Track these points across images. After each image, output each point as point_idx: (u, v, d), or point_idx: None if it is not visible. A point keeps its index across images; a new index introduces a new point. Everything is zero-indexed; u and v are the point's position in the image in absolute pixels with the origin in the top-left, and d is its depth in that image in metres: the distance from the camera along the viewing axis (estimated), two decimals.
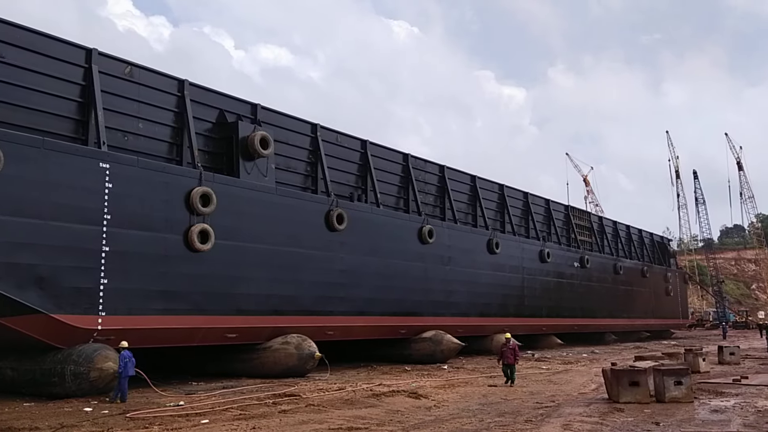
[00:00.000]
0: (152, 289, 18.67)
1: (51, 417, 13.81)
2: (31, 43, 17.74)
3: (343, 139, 27.91)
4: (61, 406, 15.33)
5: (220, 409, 14.73)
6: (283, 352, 21.79)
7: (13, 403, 15.70)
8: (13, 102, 17.10)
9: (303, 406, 15.24)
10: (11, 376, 17.40)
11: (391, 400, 16.38)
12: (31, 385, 16.95)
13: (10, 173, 15.72)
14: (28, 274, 16.12)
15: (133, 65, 20.31)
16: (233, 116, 22.86)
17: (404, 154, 31.45)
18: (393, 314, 27.51)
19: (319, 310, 24.04)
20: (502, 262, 35.28)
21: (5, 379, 17.50)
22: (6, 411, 14.66)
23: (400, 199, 30.83)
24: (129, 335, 17.26)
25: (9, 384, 17.38)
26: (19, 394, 16.86)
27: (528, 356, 33.15)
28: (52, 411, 14.62)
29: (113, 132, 19.11)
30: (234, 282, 20.93)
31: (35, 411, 14.65)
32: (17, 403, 15.71)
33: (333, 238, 24.85)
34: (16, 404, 15.63)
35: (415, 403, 16.03)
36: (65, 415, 14.04)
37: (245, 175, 22.12)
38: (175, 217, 19.47)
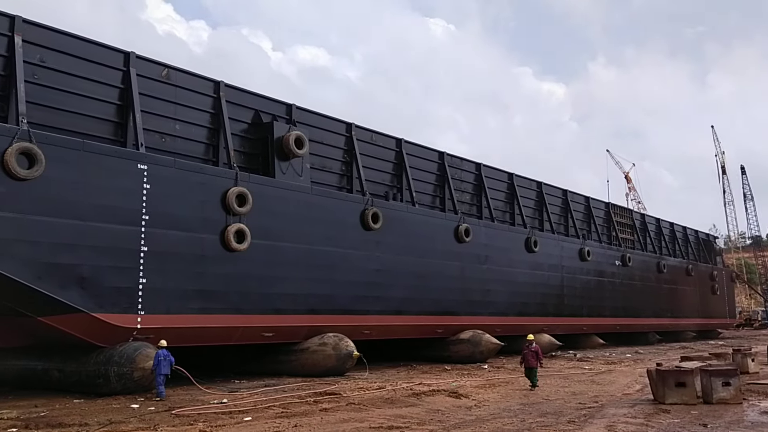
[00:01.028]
0: (190, 289, 18.84)
1: (100, 413, 14.13)
2: (71, 47, 18.11)
3: (378, 138, 27.80)
4: (109, 402, 15.65)
5: (263, 407, 14.87)
6: (321, 354, 21.85)
7: (64, 400, 16.10)
8: (54, 105, 17.49)
9: (344, 405, 15.24)
10: (58, 377, 17.85)
11: (431, 400, 16.24)
12: (78, 386, 17.32)
13: (51, 175, 16.06)
14: (70, 274, 16.43)
15: (170, 68, 20.56)
16: (268, 117, 22.97)
17: (440, 152, 31.18)
18: (429, 314, 27.27)
19: (355, 310, 23.96)
20: (540, 260, 34.68)
21: (52, 380, 17.95)
22: (57, 407, 15.03)
23: (436, 197, 30.56)
24: (167, 334, 17.46)
25: (56, 383, 17.81)
26: (68, 391, 17.25)
27: (570, 356, 32.58)
28: (100, 407, 14.94)
29: (151, 134, 19.38)
30: (270, 281, 21.00)
31: (84, 407, 14.99)
32: (67, 400, 16.11)
33: (368, 237, 24.74)
34: (66, 401, 16.02)
35: (455, 403, 15.87)
36: (113, 412, 14.34)
37: (280, 175, 22.19)
38: (212, 217, 19.62)
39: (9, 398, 16.50)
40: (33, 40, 17.21)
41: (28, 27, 17.12)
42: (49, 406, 15.13)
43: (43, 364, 18.35)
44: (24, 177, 15.56)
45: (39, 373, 18.32)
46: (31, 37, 17.14)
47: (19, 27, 16.84)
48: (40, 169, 15.82)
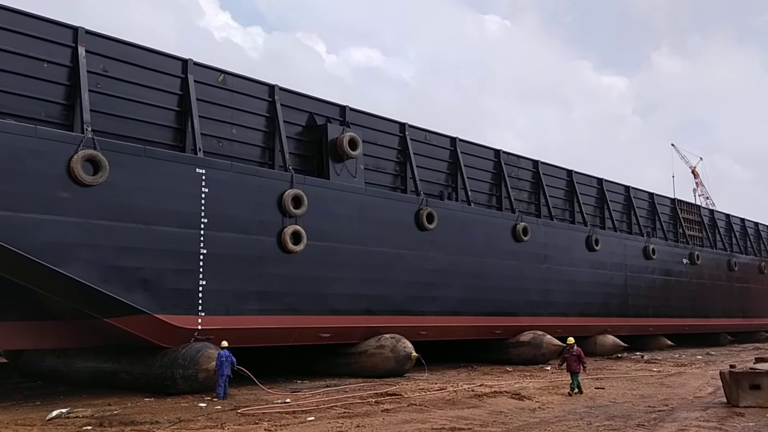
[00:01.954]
0: (248, 290, 19.11)
1: (169, 412, 14.52)
2: (132, 56, 18.66)
3: (432, 137, 27.58)
4: (177, 401, 16.08)
5: (325, 407, 14.99)
6: (380, 356, 21.84)
7: (135, 398, 16.65)
8: (116, 113, 18.03)
9: (405, 406, 15.19)
10: (127, 379, 18.49)
11: (493, 401, 16.00)
12: (147, 386, 17.85)
13: (115, 181, 16.58)
14: (134, 277, 16.90)
15: (226, 73, 20.94)
16: (322, 119, 23.10)
17: (495, 150, 30.68)
18: (487, 314, 26.84)
19: (412, 310, 23.81)
20: (602, 259, 33.65)
21: (122, 381, 18.58)
22: (129, 406, 15.55)
23: (493, 196, 30.07)
24: (227, 335, 17.75)
25: (126, 384, 18.43)
26: (139, 390, 17.82)
27: (637, 358, 31.54)
28: (170, 406, 15.36)
29: (208, 138, 19.76)
30: (326, 282, 21.08)
31: (155, 406, 15.44)
32: (138, 398, 16.65)
33: (423, 237, 24.55)
34: (137, 399, 16.56)
35: (518, 405, 15.57)
36: (182, 410, 14.73)
37: (335, 176, 22.28)
38: (269, 219, 19.84)
39: (84, 397, 17.16)
40: (96, 50, 17.81)
41: (91, 38, 17.73)
42: (122, 405, 15.66)
43: (113, 366, 19.03)
44: (89, 183, 16.11)
45: (109, 375, 19.02)
46: (94, 48, 17.75)
47: (82, 38, 17.46)
48: (104, 176, 16.35)
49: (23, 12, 16.76)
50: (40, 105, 16.73)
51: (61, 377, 21.04)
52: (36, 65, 16.74)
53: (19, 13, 16.67)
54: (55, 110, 17.01)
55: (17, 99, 16.31)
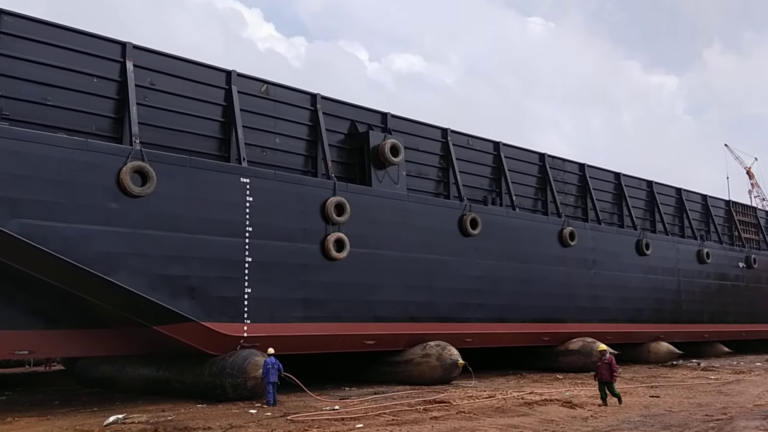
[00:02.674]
0: (292, 297, 19.23)
1: (221, 418, 14.75)
2: (178, 69, 19.09)
3: (474, 142, 27.35)
4: (229, 408, 16.35)
5: (373, 414, 15.00)
6: (426, 365, 21.69)
7: (188, 405, 17.00)
8: (163, 125, 18.45)
9: (454, 413, 15.04)
10: (178, 387, 18.88)
11: (544, 409, 15.70)
12: (198, 394, 18.14)
13: (162, 191, 16.94)
14: (181, 285, 17.21)
15: (269, 83, 21.21)
16: (364, 126, 23.17)
17: (540, 154, 30.23)
18: (534, 321, 26.35)
19: (456, 317, 23.56)
20: (653, 264, 32.68)
21: (174, 389, 18.98)
22: (182, 412, 15.87)
23: (538, 200, 29.60)
24: (272, 342, 17.89)
25: (178, 392, 18.79)
26: (191, 396, 18.15)
27: (692, 365, 30.50)
28: (221, 412, 15.62)
29: (252, 148, 20.03)
30: (369, 289, 21.06)
31: (207, 412, 15.72)
32: (191, 405, 16.99)
33: (467, 243, 24.30)
34: (190, 405, 16.89)
35: (570, 413, 15.23)
36: (233, 417, 14.95)
37: (377, 183, 22.28)
38: (312, 227, 19.96)
39: (139, 403, 17.58)
40: (143, 64, 18.28)
41: (138, 52, 18.21)
42: (175, 411, 15.99)
43: (164, 374, 19.47)
44: (137, 194, 16.51)
45: (161, 383, 19.46)
46: (141, 62, 18.22)
47: (130, 53, 17.95)
48: (152, 186, 16.72)
49: (74, 29, 17.36)
50: (90, 119, 17.25)
51: (115, 384, 21.62)
52: (87, 80, 17.29)
53: (71, 30, 17.26)
54: (105, 123, 17.52)
55: (69, 114, 16.87)
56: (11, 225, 14.69)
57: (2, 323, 16.15)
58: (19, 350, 16.86)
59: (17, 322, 16.44)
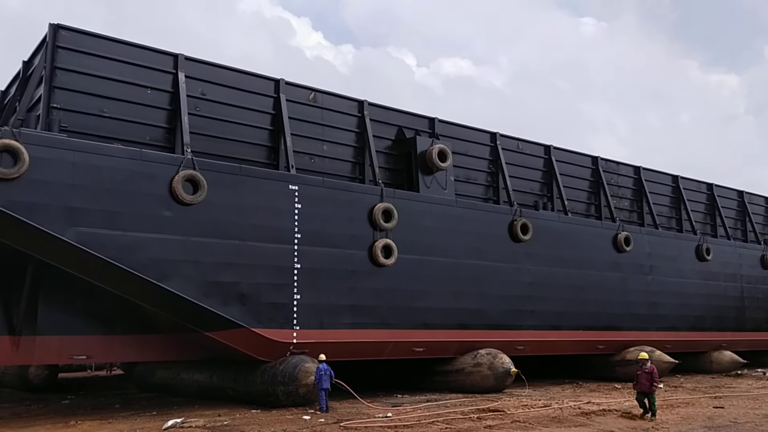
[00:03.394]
0: (341, 304, 19.25)
1: (275, 423, 14.89)
2: (228, 79, 19.43)
3: (524, 146, 26.89)
4: (282, 413, 16.51)
5: (426, 422, 14.88)
6: (478, 374, 21.42)
7: (243, 410, 17.25)
8: (214, 134, 18.80)
9: (508, 422, 14.79)
10: (232, 395, 19.18)
11: (602, 420, 15.26)
12: (251, 401, 18.35)
13: (212, 199, 17.22)
14: (232, 292, 17.44)
15: (317, 91, 21.37)
16: (411, 132, 23.07)
17: (593, 157, 29.48)
18: (589, 328, 25.64)
19: (508, 324, 23.13)
20: (714, 269, 31.39)
21: (227, 396, 19.30)
22: (237, 417, 16.13)
23: (591, 205, 28.86)
24: (321, 348, 17.93)
25: (231, 398, 19.11)
26: (245, 402, 18.41)
27: (758, 375, 29.18)
28: (275, 418, 15.79)
29: (300, 155, 20.18)
30: (418, 296, 20.89)
31: (261, 417, 15.89)
32: (246, 410, 17.23)
33: (518, 249, 23.86)
34: (245, 411, 17.13)
35: (629, 424, 14.77)
36: (287, 422, 15.08)
37: (425, 189, 22.13)
38: (360, 233, 19.96)
39: (195, 408, 17.94)
40: (194, 75, 18.68)
41: (189, 63, 18.62)
42: (231, 416, 16.24)
43: (218, 381, 19.83)
44: (189, 202, 16.83)
45: (216, 389, 19.84)
46: (192, 73, 18.62)
47: (182, 64, 18.38)
48: (203, 194, 17.03)
49: (128, 42, 17.88)
50: (144, 129, 17.73)
51: (171, 389, 22.15)
52: (141, 92, 17.78)
53: (125, 43, 17.79)
54: (158, 133, 17.96)
55: (124, 124, 17.37)
56: (69, 233, 15.19)
57: (61, 329, 16.72)
58: (78, 355, 17.40)
59: (76, 328, 17.00)
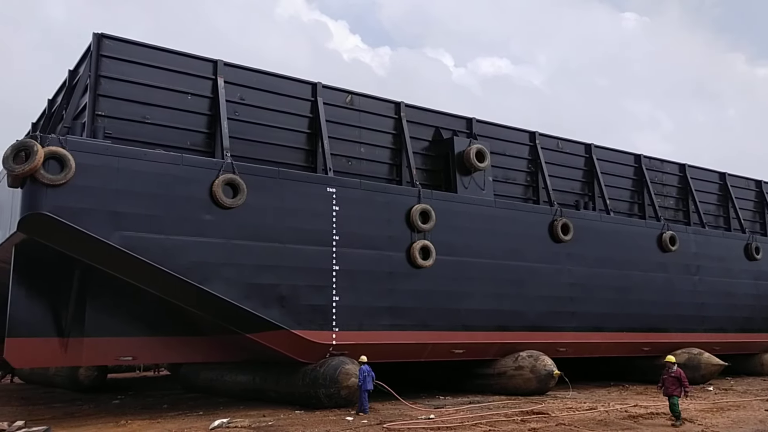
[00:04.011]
0: (379, 305, 19.25)
1: (319, 424, 15.02)
2: (266, 83, 19.67)
3: (564, 145, 26.49)
4: (326, 414, 16.65)
5: (470, 424, 14.79)
6: (520, 378, 21.18)
7: (287, 411, 17.46)
8: (252, 138, 19.05)
9: (553, 425, 14.60)
10: (274, 397, 19.41)
11: (650, 423, 14.97)
12: (294, 403, 18.54)
13: (252, 203, 17.44)
14: (272, 294, 17.61)
15: (353, 93, 21.45)
16: (449, 132, 22.96)
17: (636, 155, 28.86)
18: (632, 330, 25.07)
19: (549, 326, 22.78)
20: (764, 269, 30.31)
21: (270, 397, 19.53)
22: (282, 417, 16.32)
23: (634, 204, 28.25)
24: (360, 350, 17.98)
25: (274, 399, 19.34)
26: (288, 403, 18.64)
27: None
28: (319, 419, 15.93)
29: (338, 158, 20.30)
30: (457, 297, 20.76)
31: (305, 418, 16.05)
32: (290, 411, 17.44)
33: (558, 249, 23.48)
34: (289, 411, 17.33)
35: (678, 428, 14.46)
36: (330, 423, 15.19)
37: (462, 189, 21.98)
38: (397, 234, 19.93)
39: (241, 408, 18.24)
40: (233, 80, 18.97)
41: (228, 69, 18.92)
42: (275, 416, 16.44)
43: (260, 384, 20.10)
44: (229, 205, 17.08)
45: (258, 391, 20.10)
46: (231, 78, 18.92)
47: (221, 70, 18.68)
48: (243, 198, 17.25)
49: (169, 50, 18.27)
50: (185, 134, 18.08)
51: (215, 390, 22.54)
52: (181, 98, 18.14)
53: (166, 51, 18.18)
54: (198, 138, 18.30)
55: (166, 130, 17.75)
56: (114, 237, 15.58)
57: (108, 331, 17.15)
58: (124, 356, 17.81)
59: (122, 330, 17.41)
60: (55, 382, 29.01)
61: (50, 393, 26.84)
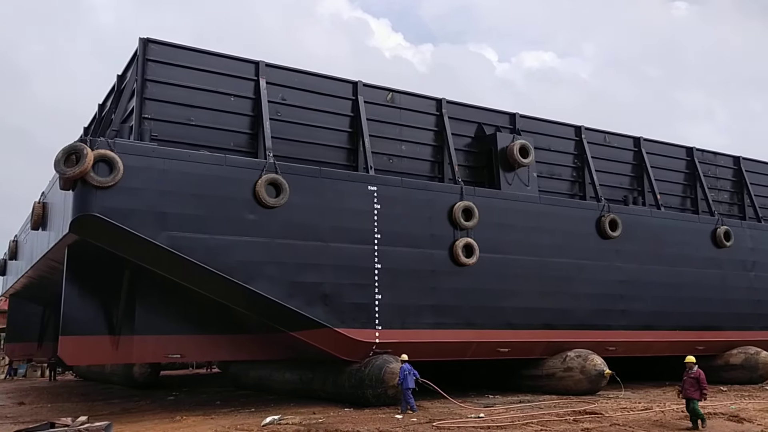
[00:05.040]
0: (422, 304, 19.13)
1: (369, 422, 15.04)
2: (307, 83, 19.81)
3: (612, 139, 25.84)
4: (375, 412, 16.68)
5: (520, 423, 14.58)
6: (570, 379, 20.77)
7: (336, 408, 17.60)
8: (294, 138, 19.19)
9: (607, 426, 14.26)
10: (324, 397, 19.58)
11: (708, 424, 14.38)
12: (341, 400, 18.68)
13: (294, 202, 17.56)
14: (315, 292, 17.71)
15: (394, 91, 21.38)
16: (491, 128, 22.66)
17: (687, 148, 27.94)
18: (685, 328, 24.25)
19: (597, 324, 22.22)
20: None
21: (318, 396, 19.73)
22: (332, 415, 16.44)
23: (686, 198, 27.36)
24: (403, 348, 17.88)
25: (323, 398, 19.50)
26: (337, 401, 18.79)
27: None
28: (368, 417, 15.96)
29: (379, 156, 20.26)
30: (501, 295, 20.45)
31: (355, 416, 16.11)
32: (339, 408, 17.57)
33: (606, 246, 22.88)
34: (338, 409, 17.45)
35: (737, 428, 14.05)
36: (380, 421, 15.19)
37: (506, 186, 21.66)
38: (440, 232, 19.77)
39: (291, 405, 18.48)
40: (275, 81, 19.15)
41: (270, 70, 19.12)
42: (325, 414, 16.58)
43: (308, 384, 20.32)
44: (272, 205, 17.24)
45: (307, 391, 20.34)
46: (273, 79, 19.10)
47: (263, 71, 18.89)
48: (285, 197, 17.39)
49: (212, 52, 18.57)
50: (228, 136, 18.34)
51: (264, 388, 22.88)
52: (224, 99, 18.41)
53: (209, 53, 18.48)
54: (241, 139, 18.54)
55: (210, 132, 18.05)
56: (161, 238, 15.92)
57: (157, 329, 17.54)
58: (172, 354, 18.20)
59: (170, 328, 17.78)
60: (111, 379, 29.97)
61: (108, 389, 27.77)
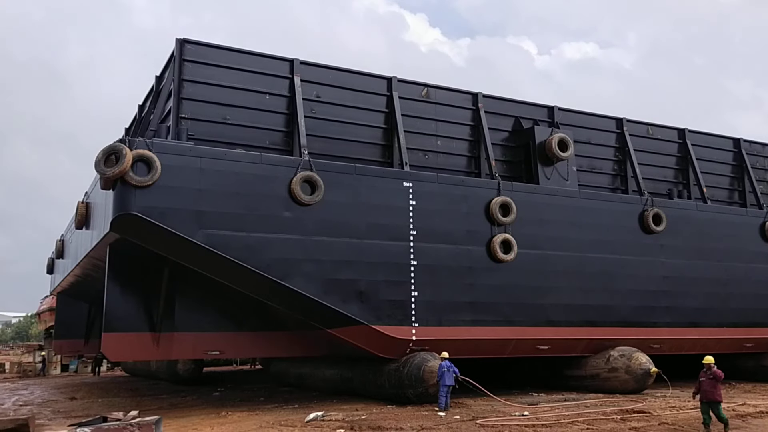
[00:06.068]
0: (459, 301, 18.90)
1: (411, 419, 15.00)
2: (341, 80, 19.78)
3: (655, 131, 25.12)
4: (417, 409, 16.65)
5: (566, 422, 14.37)
6: (616, 380, 20.27)
7: (379, 405, 17.61)
8: (329, 135, 19.18)
9: (656, 425, 13.96)
10: (362, 394, 19.59)
11: (759, 423, 14.15)
12: (382, 398, 18.64)
13: (329, 199, 17.55)
14: (351, 289, 17.66)
15: (429, 86, 21.18)
16: (529, 122, 22.27)
17: (735, 140, 26.99)
18: (733, 325, 23.42)
19: (640, 321, 21.63)
20: None
21: (358, 394, 19.75)
22: (374, 411, 16.45)
23: (734, 191, 26.43)
24: (441, 346, 17.73)
25: (363, 396, 19.51)
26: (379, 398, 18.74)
27: None
28: (411, 414, 15.92)
29: (414, 152, 20.10)
30: (540, 292, 20.06)
31: (397, 413, 16.09)
32: (382, 405, 17.58)
33: (650, 241, 22.23)
34: (381, 406, 17.46)
35: None
36: (423, 419, 15.16)
37: (545, 180, 21.24)
38: (477, 228, 19.50)
39: (334, 402, 18.56)
40: (309, 78, 19.17)
41: (304, 67, 19.15)
42: (368, 410, 16.59)
43: (348, 382, 20.33)
44: (307, 202, 17.26)
45: (347, 389, 20.34)
46: (307, 76, 19.13)
47: (297, 69, 18.93)
48: (320, 194, 17.39)
49: (247, 51, 18.68)
50: (264, 134, 18.45)
51: (306, 385, 23.02)
52: (260, 98, 18.52)
53: (244, 52, 18.60)
54: (276, 137, 18.62)
55: (246, 130, 18.18)
56: (199, 236, 16.10)
57: (196, 326, 17.77)
58: (211, 351, 18.40)
59: (209, 325, 18.00)
60: (157, 375, 30.60)
61: (155, 385, 28.37)
